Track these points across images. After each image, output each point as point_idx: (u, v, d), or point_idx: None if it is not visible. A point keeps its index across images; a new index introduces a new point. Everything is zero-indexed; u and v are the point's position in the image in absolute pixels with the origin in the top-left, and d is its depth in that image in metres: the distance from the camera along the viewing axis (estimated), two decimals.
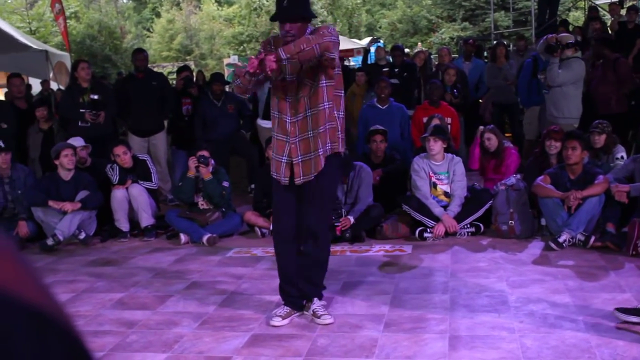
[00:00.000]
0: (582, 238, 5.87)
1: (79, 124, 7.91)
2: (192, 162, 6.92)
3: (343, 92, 4.48)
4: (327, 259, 4.57)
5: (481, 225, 6.59)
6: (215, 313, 4.76)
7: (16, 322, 0.47)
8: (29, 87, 11.99)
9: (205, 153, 6.95)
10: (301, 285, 4.54)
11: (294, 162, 4.24)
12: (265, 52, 4.19)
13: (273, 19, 4.31)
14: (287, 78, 4.22)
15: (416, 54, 12.00)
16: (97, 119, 7.91)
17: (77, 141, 7.54)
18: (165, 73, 14.52)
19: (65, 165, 7.06)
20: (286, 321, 4.45)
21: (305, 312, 4.53)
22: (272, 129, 4.42)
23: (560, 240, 5.87)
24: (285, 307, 4.53)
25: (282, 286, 4.56)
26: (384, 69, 9.74)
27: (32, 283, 0.52)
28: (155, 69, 12.80)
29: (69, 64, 11.60)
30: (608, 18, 13.93)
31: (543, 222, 6.35)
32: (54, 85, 12.53)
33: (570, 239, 5.87)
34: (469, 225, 6.57)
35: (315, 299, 4.53)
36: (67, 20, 16.81)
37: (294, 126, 4.23)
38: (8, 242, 0.53)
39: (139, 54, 8.90)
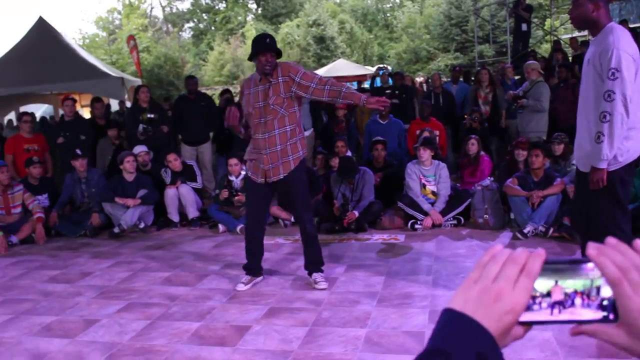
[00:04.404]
0: (543, 229, 5.74)
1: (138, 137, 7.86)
2: (224, 193, 6.84)
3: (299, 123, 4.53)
4: (317, 233, 4.67)
5: (462, 218, 6.46)
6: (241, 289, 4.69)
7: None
8: (109, 106, 11.97)
9: (234, 161, 6.91)
10: (308, 259, 4.63)
11: (265, 168, 4.39)
12: (244, 91, 4.53)
13: (262, 50, 4.32)
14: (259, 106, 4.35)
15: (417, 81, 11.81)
16: (147, 136, 7.79)
17: (140, 148, 7.54)
18: (217, 94, 14.32)
19: (128, 169, 7.05)
20: (249, 286, 4.61)
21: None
22: (252, 144, 4.51)
23: (525, 231, 5.74)
24: (247, 276, 4.67)
25: (248, 261, 4.70)
26: (387, 91, 9.54)
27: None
28: (209, 91, 12.70)
29: None
30: (569, 50, 13.66)
31: (512, 216, 6.22)
32: (128, 104, 12.64)
33: (534, 230, 5.74)
34: (451, 219, 6.44)
35: (317, 273, 4.60)
36: (140, 53, 16.86)
37: (265, 142, 4.34)
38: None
39: (190, 80, 8.84)
